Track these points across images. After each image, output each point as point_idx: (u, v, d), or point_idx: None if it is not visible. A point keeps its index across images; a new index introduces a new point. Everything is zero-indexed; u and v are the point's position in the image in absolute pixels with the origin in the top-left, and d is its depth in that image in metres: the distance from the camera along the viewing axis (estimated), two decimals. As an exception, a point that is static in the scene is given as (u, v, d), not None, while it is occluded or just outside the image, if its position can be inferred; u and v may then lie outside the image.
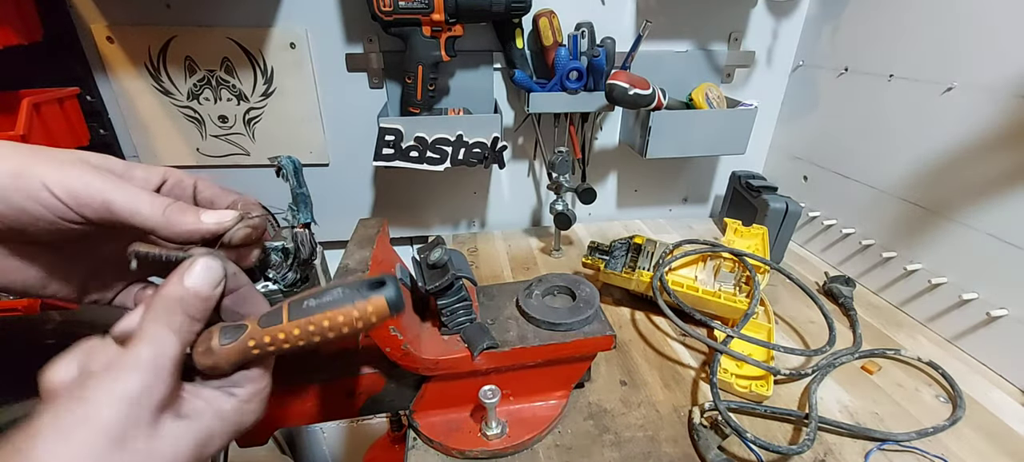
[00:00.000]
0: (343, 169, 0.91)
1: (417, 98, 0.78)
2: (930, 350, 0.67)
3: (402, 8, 0.70)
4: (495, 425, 0.50)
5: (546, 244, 0.96)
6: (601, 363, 0.63)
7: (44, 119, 0.68)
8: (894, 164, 0.75)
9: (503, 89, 0.89)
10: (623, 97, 0.73)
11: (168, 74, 0.78)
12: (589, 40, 0.78)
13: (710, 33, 0.90)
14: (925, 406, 0.58)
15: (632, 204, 1.08)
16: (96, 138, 0.80)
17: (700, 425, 0.52)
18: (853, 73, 0.82)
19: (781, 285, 0.81)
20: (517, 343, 0.50)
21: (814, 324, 0.72)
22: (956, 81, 0.66)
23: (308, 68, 0.81)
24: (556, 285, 0.57)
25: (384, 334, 0.44)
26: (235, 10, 0.76)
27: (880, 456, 0.51)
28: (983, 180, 0.63)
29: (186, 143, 0.84)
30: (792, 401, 0.58)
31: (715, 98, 0.85)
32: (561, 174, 0.82)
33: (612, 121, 0.96)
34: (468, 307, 0.50)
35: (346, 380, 0.51)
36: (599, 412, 0.56)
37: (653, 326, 0.72)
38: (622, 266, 0.71)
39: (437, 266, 0.48)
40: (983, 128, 0.63)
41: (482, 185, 0.99)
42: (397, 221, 1.00)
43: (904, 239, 0.74)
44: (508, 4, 0.72)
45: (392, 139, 0.77)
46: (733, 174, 0.97)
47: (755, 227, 0.75)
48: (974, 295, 0.64)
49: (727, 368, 0.59)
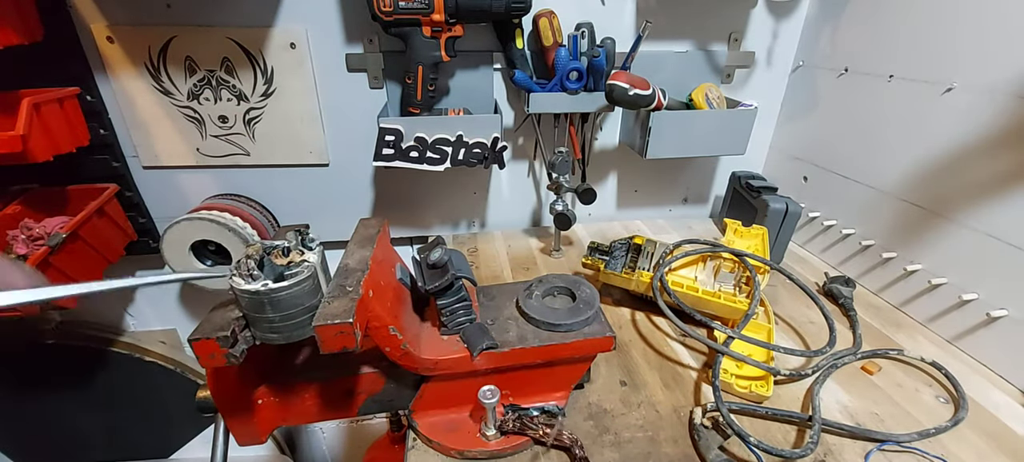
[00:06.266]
0: (343, 169, 0.91)
1: (417, 98, 0.78)
2: (930, 351, 0.67)
3: (402, 8, 0.70)
4: (494, 425, 0.50)
5: (546, 244, 0.96)
6: (601, 363, 0.63)
7: (44, 119, 0.68)
8: (894, 164, 0.75)
9: (503, 89, 0.89)
10: (623, 97, 0.73)
11: (168, 74, 0.78)
12: (589, 40, 0.78)
13: (710, 33, 0.89)
14: (925, 407, 0.57)
15: (632, 204, 1.07)
16: (96, 138, 0.80)
17: (701, 425, 0.52)
18: (853, 73, 0.82)
19: (781, 285, 0.81)
20: (517, 344, 0.50)
21: (814, 325, 0.72)
22: (956, 81, 0.66)
23: (308, 68, 0.81)
24: (556, 286, 0.57)
25: (384, 334, 0.44)
26: (235, 10, 0.76)
27: (880, 457, 0.51)
28: (983, 180, 0.63)
29: (186, 143, 0.84)
30: (792, 402, 0.58)
31: (715, 98, 0.85)
32: (561, 174, 0.82)
33: (612, 121, 0.96)
34: (468, 307, 0.50)
35: (346, 379, 0.51)
36: (599, 412, 0.56)
37: (653, 326, 0.72)
38: (622, 266, 0.71)
39: (437, 266, 0.48)
40: (983, 128, 0.63)
41: (482, 185, 0.99)
42: (397, 221, 0.99)
43: (904, 239, 0.74)
44: (508, 4, 0.72)
45: (392, 139, 0.76)
46: (733, 174, 0.97)
47: (755, 227, 0.75)
48: (974, 295, 0.64)
49: (727, 368, 0.59)
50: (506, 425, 0.50)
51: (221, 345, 0.39)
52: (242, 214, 0.84)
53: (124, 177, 0.85)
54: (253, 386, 0.49)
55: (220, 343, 0.39)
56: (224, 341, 0.39)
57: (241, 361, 0.40)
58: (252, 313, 0.40)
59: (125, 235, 0.88)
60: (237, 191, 0.90)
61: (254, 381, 0.50)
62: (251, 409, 0.49)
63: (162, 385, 1.06)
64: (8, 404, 1.07)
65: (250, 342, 0.41)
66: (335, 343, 0.38)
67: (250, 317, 0.41)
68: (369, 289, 0.42)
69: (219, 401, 0.48)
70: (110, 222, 0.84)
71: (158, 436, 1.15)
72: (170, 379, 1.06)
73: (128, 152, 0.84)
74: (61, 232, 0.71)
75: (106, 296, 1.01)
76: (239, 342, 0.40)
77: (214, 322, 0.40)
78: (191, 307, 1.05)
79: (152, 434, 1.15)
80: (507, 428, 0.50)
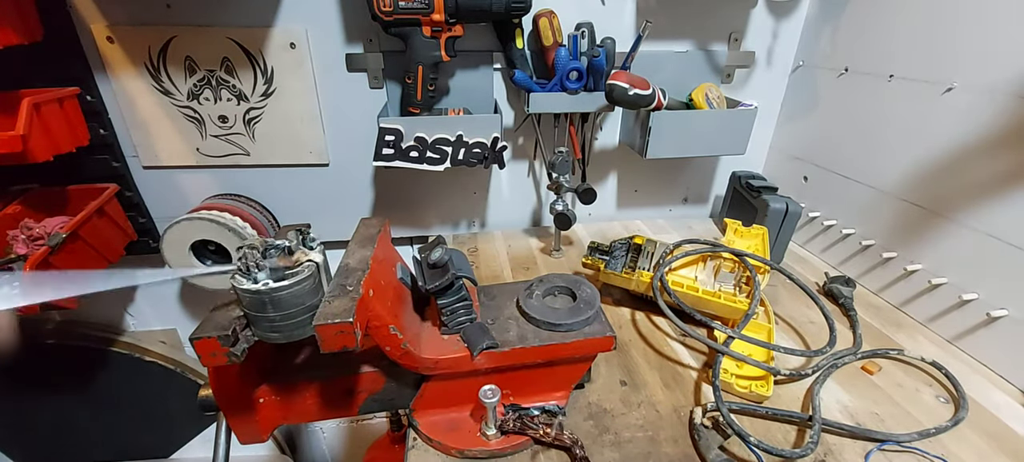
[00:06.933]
0: (343, 169, 0.91)
1: (417, 98, 0.78)
2: (930, 350, 0.67)
3: (402, 8, 0.70)
4: (495, 425, 0.50)
5: (546, 244, 0.96)
6: (601, 363, 0.63)
7: (44, 119, 0.68)
8: (894, 164, 0.75)
9: (503, 89, 0.89)
10: (623, 97, 0.73)
11: (168, 74, 0.78)
12: (589, 40, 0.78)
13: (710, 33, 0.90)
14: (925, 407, 0.57)
15: (632, 204, 1.07)
16: (96, 138, 0.80)
17: (702, 425, 0.52)
18: (853, 73, 0.82)
19: (781, 285, 0.81)
20: (517, 343, 0.50)
21: (814, 324, 0.72)
22: (956, 81, 0.66)
23: (308, 68, 0.81)
24: (557, 285, 0.57)
25: (384, 333, 0.44)
26: (235, 10, 0.76)
27: (880, 457, 0.51)
28: (983, 180, 0.63)
29: (186, 143, 0.84)
30: (792, 402, 0.58)
31: (715, 98, 0.85)
32: (561, 174, 0.82)
33: (612, 121, 0.96)
34: (468, 307, 0.50)
35: (346, 378, 0.51)
36: (599, 412, 0.56)
37: (653, 326, 0.72)
38: (622, 266, 0.71)
39: (438, 266, 0.48)
40: (983, 128, 0.63)
41: (482, 185, 0.99)
42: (397, 221, 0.99)
43: (904, 239, 0.74)
44: (508, 4, 0.72)
45: (392, 139, 0.77)
46: (733, 174, 0.97)
47: (755, 227, 0.75)
48: (974, 295, 0.64)
49: (727, 368, 0.59)
50: (506, 424, 0.50)
51: (222, 344, 0.39)
52: (242, 214, 0.84)
53: (124, 177, 0.85)
54: (254, 385, 0.49)
55: (221, 342, 0.39)
56: (225, 340, 0.39)
57: (242, 360, 0.40)
58: (253, 312, 0.40)
59: (125, 235, 0.88)
60: (237, 191, 0.90)
61: (255, 380, 0.50)
62: (252, 408, 0.49)
63: (162, 385, 1.06)
64: (8, 404, 1.07)
65: (251, 341, 0.41)
66: (336, 342, 0.38)
67: (251, 316, 0.41)
68: (370, 288, 0.42)
69: (221, 400, 0.48)
70: (110, 222, 0.84)
71: (158, 436, 1.15)
72: (170, 379, 1.06)
73: (128, 152, 0.84)
74: (61, 232, 0.71)
75: (106, 296, 1.01)
76: (240, 341, 0.40)
77: (215, 321, 0.41)
78: (191, 307, 1.05)
79: (152, 434, 1.15)
80: (507, 427, 0.50)
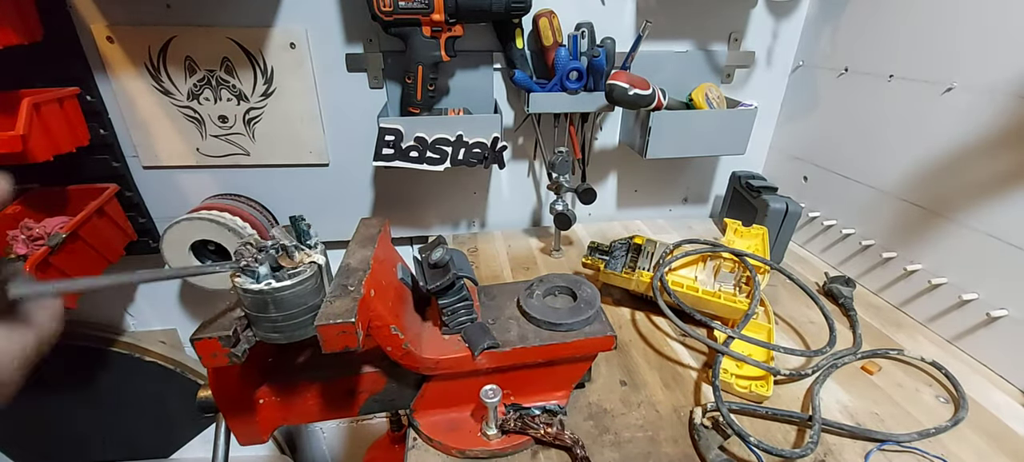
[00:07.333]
0: (343, 169, 0.91)
1: (417, 98, 0.78)
2: (930, 350, 0.67)
3: (402, 8, 0.70)
4: (496, 425, 0.50)
5: (546, 244, 0.96)
6: (601, 363, 0.63)
7: (44, 119, 0.68)
8: (894, 164, 0.75)
9: (503, 89, 0.89)
10: (623, 97, 0.73)
11: (168, 74, 0.78)
12: (589, 40, 0.78)
13: (710, 33, 0.90)
14: (925, 407, 0.58)
15: (632, 204, 1.08)
16: (96, 138, 0.80)
17: (701, 425, 0.52)
18: (853, 73, 0.82)
19: (781, 285, 0.81)
20: (518, 343, 0.50)
21: (814, 324, 0.72)
22: (956, 81, 0.66)
23: (308, 68, 0.81)
24: (557, 285, 0.57)
25: (385, 333, 0.44)
26: (235, 10, 0.76)
27: (880, 457, 0.51)
28: (983, 180, 0.63)
29: (186, 143, 0.84)
30: (792, 402, 0.58)
31: (715, 98, 0.85)
32: (561, 174, 0.82)
33: (612, 121, 0.96)
34: (469, 307, 0.50)
35: (347, 378, 0.51)
36: (599, 412, 0.56)
37: (653, 326, 0.72)
38: (622, 266, 0.71)
39: (438, 266, 0.48)
40: (983, 128, 0.63)
41: (482, 185, 0.99)
42: (397, 221, 0.99)
43: (904, 239, 0.75)
44: (508, 4, 0.72)
45: (392, 139, 0.77)
46: (733, 174, 0.97)
47: (755, 227, 0.75)
48: (974, 295, 0.65)
49: (727, 368, 0.59)
50: (507, 424, 0.50)
51: (223, 344, 0.39)
52: (242, 214, 0.84)
53: (124, 177, 0.85)
54: (254, 386, 0.49)
55: (222, 342, 0.39)
56: (226, 340, 0.39)
57: (243, 360, 0.40)
58: (254, 312, 0.40)
59: (125, 235, 0.88)
60: (237, 191, 0.90)
61: (255, 381, 0.50)
62: (252, 409, 0.49)
63: (162, 385, 1.06)
64: (8, 404, 1.07)
65: (252, 342, 0.41)
66: (337, 342, 0.38)
67: (252, 316, 0.41)
68: (371, 288, 0.42)
69: (220, 400, 0.48)
70: (110, 222, 0.83)
71: (158, 436, 1.15)
72: (170, 379, 1.06)
73: (128, 152, 0.84)
74: (61, 232, 0.71)
75: (106, 296, 1.01)
76: (241, 341, 0.40)
77: (216, 321, 0.40)
78: (191, 307, 1.05)
79: (152, 434, 1.15)
80: (508, 427, 0.50)
